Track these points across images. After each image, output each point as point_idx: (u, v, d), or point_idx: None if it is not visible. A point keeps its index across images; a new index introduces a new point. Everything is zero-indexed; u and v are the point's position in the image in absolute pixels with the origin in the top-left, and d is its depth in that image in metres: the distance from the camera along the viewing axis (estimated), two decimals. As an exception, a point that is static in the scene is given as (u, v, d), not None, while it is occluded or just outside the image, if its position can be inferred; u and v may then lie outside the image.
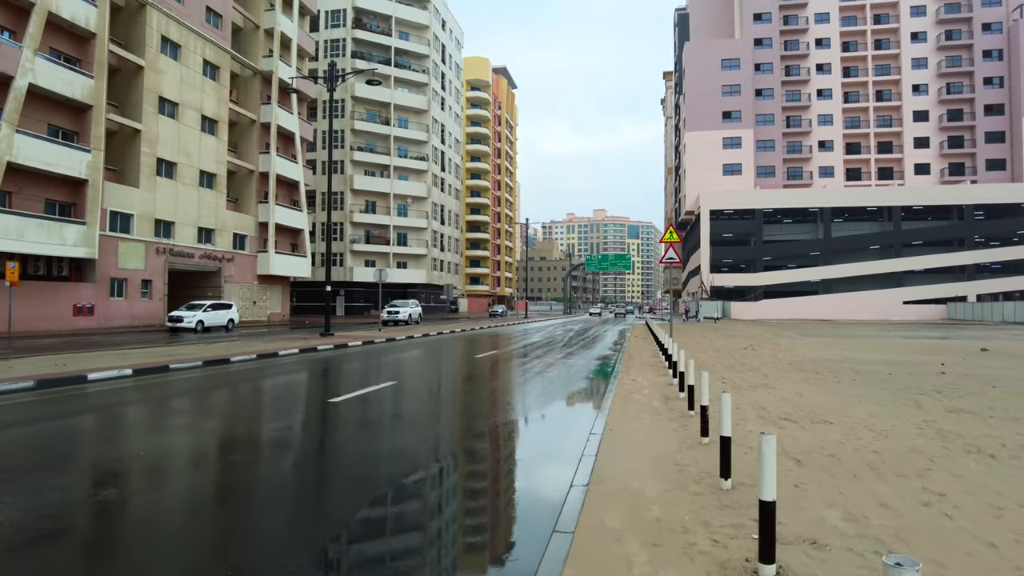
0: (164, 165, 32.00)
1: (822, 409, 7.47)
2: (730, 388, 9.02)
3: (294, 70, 41.97)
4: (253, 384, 10.53)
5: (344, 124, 58.33)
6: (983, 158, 61.97)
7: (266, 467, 5.40)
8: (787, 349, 17.78)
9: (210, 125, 35.46)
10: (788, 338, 24.47)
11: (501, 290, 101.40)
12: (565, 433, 6.95)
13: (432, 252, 63.59)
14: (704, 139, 64.03)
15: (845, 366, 12.64)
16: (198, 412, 8.20)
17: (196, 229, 34.26)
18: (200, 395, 9.59)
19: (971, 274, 56.73)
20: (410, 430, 6.79)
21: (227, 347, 16.75)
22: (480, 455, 6.04)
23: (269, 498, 4.55)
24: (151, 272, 30.96)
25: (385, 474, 5.25)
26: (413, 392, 9.52)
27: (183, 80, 32.92)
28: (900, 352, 16.73)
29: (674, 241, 14.58)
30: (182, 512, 4.28)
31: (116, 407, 8.46)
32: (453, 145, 71.55)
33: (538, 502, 4.71)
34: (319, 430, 7.10)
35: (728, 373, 11.35)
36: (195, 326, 27.40)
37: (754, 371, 11.70)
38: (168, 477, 5.18)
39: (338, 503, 4.45)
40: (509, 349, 18.76)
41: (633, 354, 15.59)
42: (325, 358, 14.88)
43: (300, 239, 43.41)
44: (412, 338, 22.72)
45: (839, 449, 5.66)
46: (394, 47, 61.35)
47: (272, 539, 3.75)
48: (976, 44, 62.48)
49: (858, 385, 9.66)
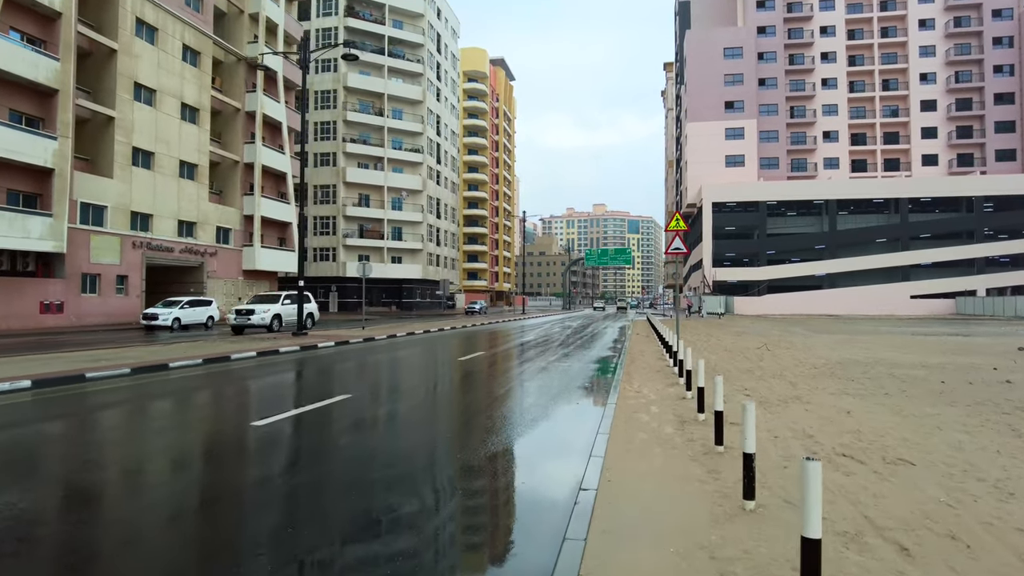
0: (141, 155, 30.41)
1: (889, 439, 5.75)
2: (757, 402, 7.48)
3: (281, 57, 40.30)
4: (175, 399, 8.74)
5: (336, 115, 56.69)
6: (992, 148, 60.35)
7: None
8: (805, 348, 16.28)
9: (191, 113, 33.84)
10: (799, 335, 23.00)
11: (499, 285, 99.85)
12: (548, 485, 4.87)
13: (428, 247, 62.03)
14: (706, 130, 62.39)
15: (880, 370, 11.08)
16: (57, 447, 6.00)
17: (176, 222, 32.70)
18: (87, 418, 7.52)
19: (980, 268, 55.23)
20: (328, 479, 4.73)
21: (180, 349, 15.21)
22: (400, 532, 3.74)
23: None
24: (127, 267, 29.43)
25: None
26: (359, 413, 7.51)
27: (161, 66, 31.30)
28: (930, 352, 15.24)
29: (680, 230, 13.04)
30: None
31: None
32: (449, 137, 69.89)
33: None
34: (205, 475, 5.08)
35: (748, 381, 9.78)
36: (171, 324, 25.88)
37: (777, 377, 10.17)
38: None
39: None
40: (498, 350, 17.25)
41: (635, 355, 14.05)
42: (282, 362, 13.18)
43: (288, 233, 41.85)
44: (395, 337, 21.14)
45: (957, 522, 3.66)
46: (388, 36, 59.65)
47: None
48: (986, 31, 60.75)
49: (914, 399, 7.99)
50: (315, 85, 57.15)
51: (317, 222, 56.78)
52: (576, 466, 5.17)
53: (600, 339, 22.12)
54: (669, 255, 13.02)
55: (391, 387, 9.94)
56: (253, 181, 37.93)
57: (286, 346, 16.20)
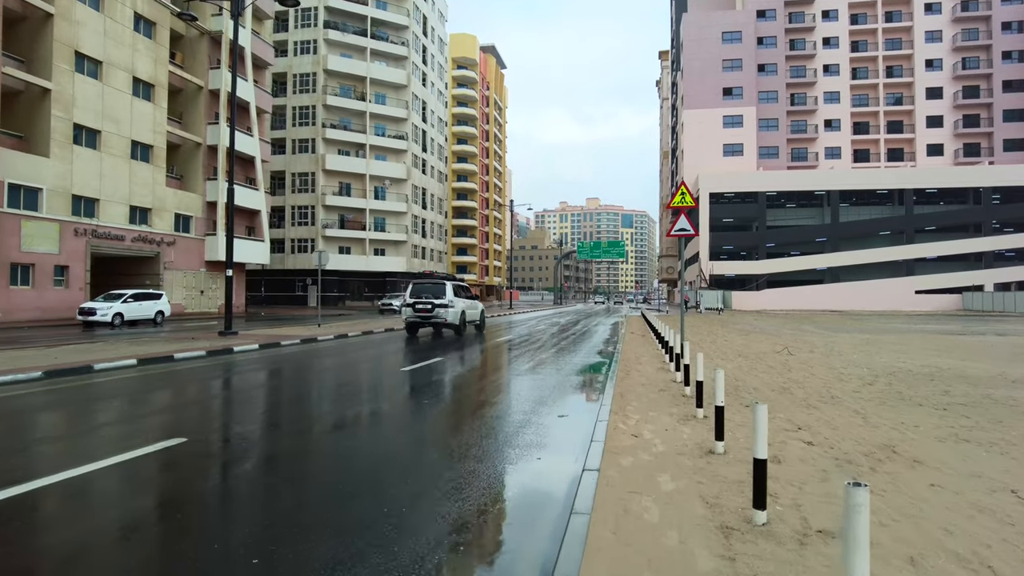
0: (84, 133, 27.47)
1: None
2: (832, 461, 4.83)
3: (249, 33, 37.32)
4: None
5: (316, 99, 53.67)
6: (1000, 138, 58.01)
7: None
8: (831, 352, 13.72)
9: (145, 89, 30.89)
10: (813, 333, 20.50)
11: (490, 279, 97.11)
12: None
13: (413, 238, 59.21)
14: (703, 117, 59.72)
15: (961, 388, 8.31)
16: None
17: (128, 208, 29.80)
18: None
19: (988, 262, 52.98)
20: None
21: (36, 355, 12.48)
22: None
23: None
24: (68, 257, 26.53)
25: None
26: (177, 475, 4.69)
27: (108, 35, 28.32)
28: (986, 355, 12.74)
29: (687, 206, 10.43)
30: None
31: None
32: (436, 124, 66.95)
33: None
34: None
35: (793, 408, 7.00)
36: (111, 319, 23.11)
37: (829, 402, 7.45)
38: None
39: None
40: (456, 354, 14.62)
41: (630, 366, 11.30)
42: (157, 376, 9.84)
43: (257, 222, 38.95)
44: (346, 337, 18.23)
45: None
46: (371, 17, 56.63)
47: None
48: (994, 15, 58.30)
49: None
50: (294, 68, 54.14)
51: (295, 212, 53.84)
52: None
53: (588, 339, 19.49)
54: (673, 236, 10.39)
55: (269, 424, 6.38)
56: (217, 165, 34.99)
57: (194, 350, 13.47)
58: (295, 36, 54.55)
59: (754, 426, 3.59)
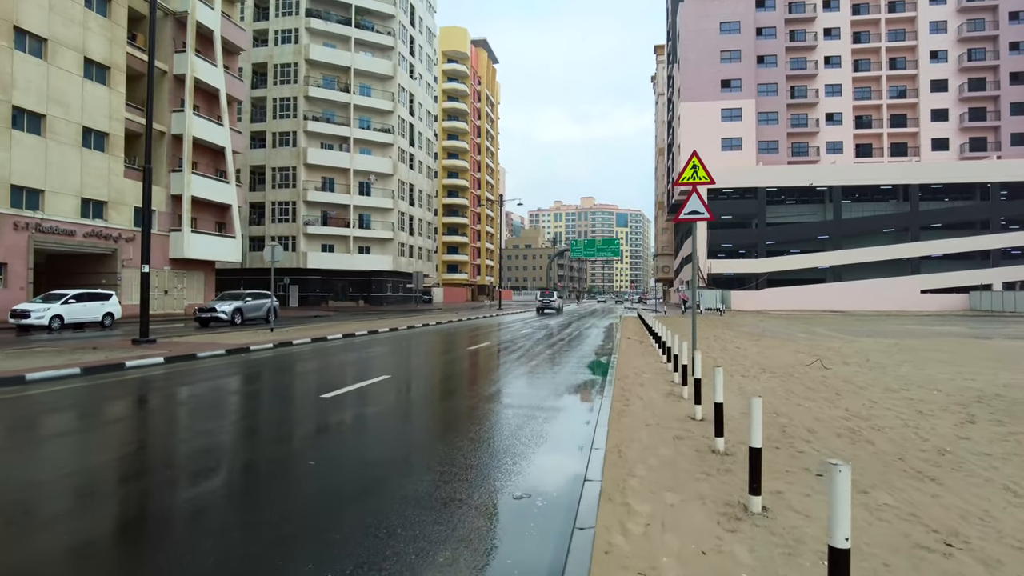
0: (26, 116, 24.98)
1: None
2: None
3: (218, 15, 34.89)
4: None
5: (297, 91, 51.14)
6: (1008, 132, 56.04)
7: None
8: (872, 364, 11.48)
9: (99, 72, 28.41)
10: (828, 336, 18.30)
11: (482, 279, 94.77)
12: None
13: (399, 236, 56.77)
14: (701, 110, 57.54)
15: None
16: None
17: (79, 200, 27.33)
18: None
19: (996, 260, 51.03)
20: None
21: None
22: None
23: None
24: (5, 253, 24.05)
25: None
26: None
27: (54, 10, 25.84)
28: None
29: (701, 182, 8.16)
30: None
31: None
32: (424, 118, 64.52)
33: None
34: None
35: (893, 478, 4.44)
36: (48, 323, 20.70)
37: (944, 462, 4.88)
38: None
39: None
40: (415, 365, 12.31)
41: (628, 385, 8.81)
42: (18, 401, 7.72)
43: (228, 217, 36.48)
44: (290, 346, 15.70)
45: None
46: (355, 5, 54.16)
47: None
48: (1001, 5, 56.29)
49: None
50: (274, 58, 51.62)
51: (275, 207, 51.31)
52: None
53: (578, 347, 17.22)
54: (683, 221, 8.11)
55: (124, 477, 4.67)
56: (183, 156, 32.53)
57: (92, 361, 11.12)
58: (276, 25, 52.03)
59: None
